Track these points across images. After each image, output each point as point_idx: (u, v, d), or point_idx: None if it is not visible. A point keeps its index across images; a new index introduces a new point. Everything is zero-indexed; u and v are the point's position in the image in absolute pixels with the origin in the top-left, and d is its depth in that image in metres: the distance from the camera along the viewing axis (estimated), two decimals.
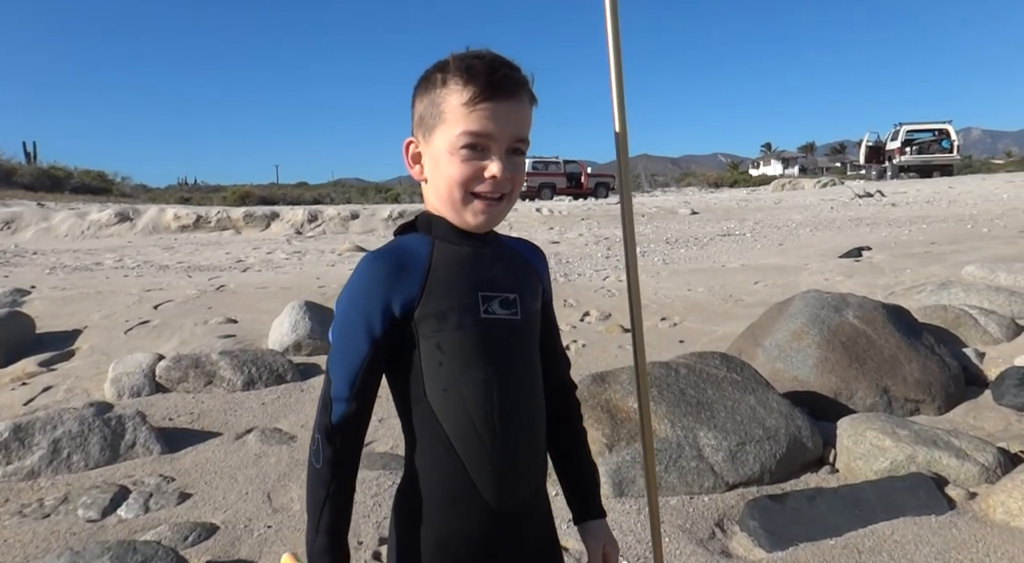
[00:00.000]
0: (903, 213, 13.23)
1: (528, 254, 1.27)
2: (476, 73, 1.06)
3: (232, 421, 3.73)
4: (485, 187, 1.10)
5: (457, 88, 1.07)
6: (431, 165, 1.13)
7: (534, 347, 1.21)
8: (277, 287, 7.11)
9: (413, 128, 1.17)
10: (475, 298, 1.12)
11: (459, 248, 1.14)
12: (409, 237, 1.17)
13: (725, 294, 6.27)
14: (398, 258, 1.11)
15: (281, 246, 12.23)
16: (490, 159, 1.09)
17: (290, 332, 5.00)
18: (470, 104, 1.07)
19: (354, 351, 1.09)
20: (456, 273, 1.12)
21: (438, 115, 1.09)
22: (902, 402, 3.66)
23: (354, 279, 1.11)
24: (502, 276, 1.16)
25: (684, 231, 12.07)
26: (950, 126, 32.45)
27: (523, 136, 1.12)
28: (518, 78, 1.10)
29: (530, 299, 1.19)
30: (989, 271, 6.05)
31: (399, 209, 16.95)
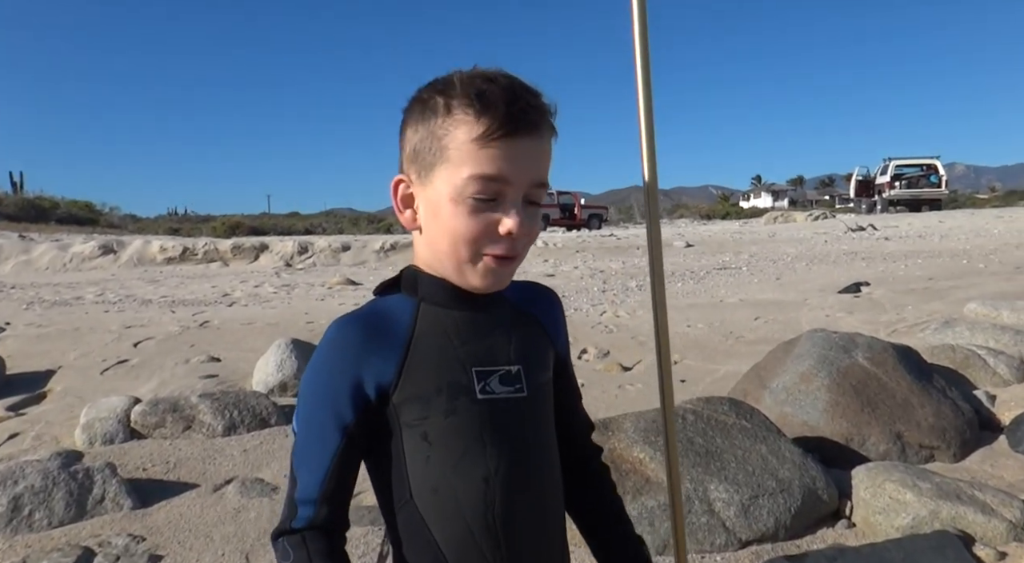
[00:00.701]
0: (897, 247, 13.19)
1: (534, 307, 1.06)
2: (491, 102, 0.86)
3: (210, 470, 3.51)
4: (498, 246, 0.90)
5: (466, 119, 0.87)
6: (428, 213, 0.93)
7: (547, 427, 1.01)
8: (263, 323, 6.91)
9: (403, 162, 0.96)
10: (468, 375, 0.93)
11: (449, 313, 0.95)
12: (390, 299, 0.97)
13: (725, 331, 6.12)
14: (372, 325, 0.92)
15: (269, 279, 12.03)
16: (505, 210, 0.89)
17: (275, 372, 4.80)
18: (483, 141, 0.86)
19: (322, 443, 0.91)
20: (443, 345, 0.93)
21: (439, 151, 0.89)
22: (916, 449, 3.49)
23: (320, 352, 0.92)
24: (501, 345, 0.97)
25: (680, 264, 11.96)
26: (938, 161, 32.82)
27: (543, 180, 0.92)
28: (541, 108, 0.90)
29: (538, 369, 1.00)
30: (992, 309, 5.93)
31: (391, 240, 16.81)
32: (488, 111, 0.86)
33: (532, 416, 0.98)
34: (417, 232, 0.97)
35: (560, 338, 1.08)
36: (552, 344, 1.06)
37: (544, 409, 1.01)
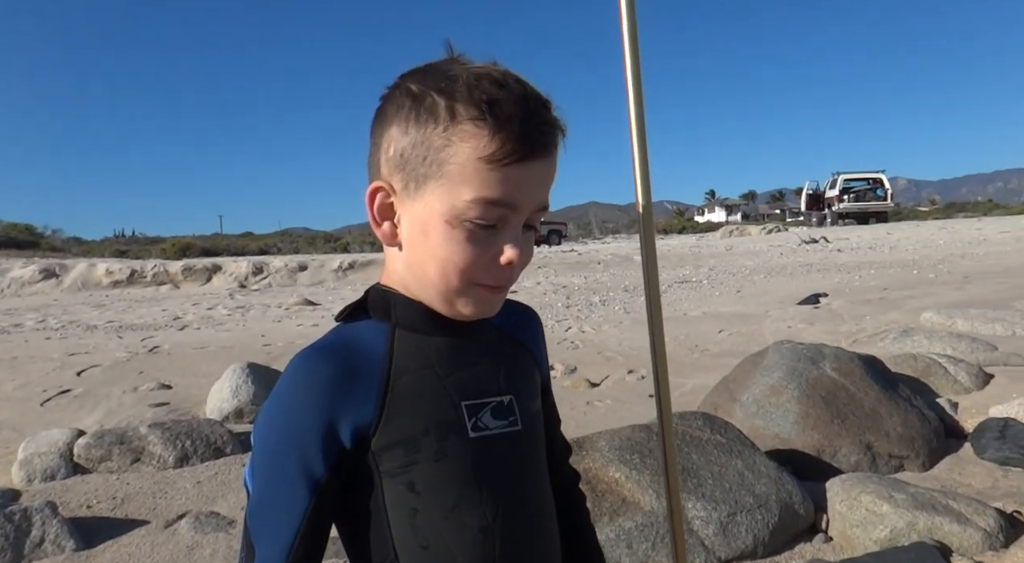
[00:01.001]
0: (850, 259, 13.46)
1: (519, 329, 0.95)
2: (506, 117, 0.74)
3: (161, 505, 3.31)
4: (495, 277, 0.79)
5: (476, 133, 0.74)
6: (414, 231, 0.80)
7: (542, 461, 0.90)
8: (217, 347, 6.67)
9: (380, 164, 0.82)
10: (458, 411, 0.81)
11: (428, 339, 0.83)
12: (357, 326, 0.84)
13: (691, 344, 6.10)
14: (343, 357, 0.78)
15: (223, 301, 11.71)
16: (506, 238, 0.78)
17: (231, 398, 4.60)
18: (493, 162, 0.74)
19: (287, 503, 0.76)
20: (427, 377, 0.81)
21: (437, 164, 0.76)
22: (886, 459, 3.48)
23: (281, 392, 0.78)
24: (490, 373, 0.85)
25: (641, 278, 12.01)
26: (883, 175, 33.86)
27: (547, 204, 0.82)
28: (555, 125, 0.79)
29: (529, 398, 0.89)
30: (947, 317, 6.04)
31: (350, 259, 16.57)
32: (503, 129, 0.74)
33: (528, 451, 0.87)
34: (396, 249, 0.84)
35: (544, 362, 0.98)
36: (539, 368, 0.96)
37: (539, 441, 0.91)
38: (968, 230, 20.15)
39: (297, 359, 0.78)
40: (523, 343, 0.94)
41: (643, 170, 1.06)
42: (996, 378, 4.34)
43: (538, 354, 0.96)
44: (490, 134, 0.74)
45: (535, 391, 0.92)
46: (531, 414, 0.88)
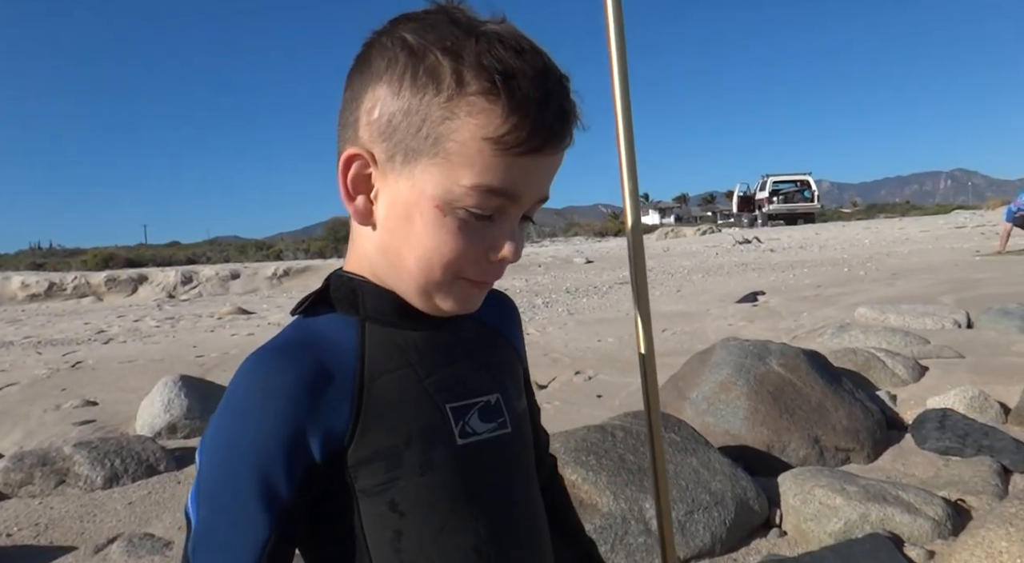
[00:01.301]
0: (782, 258, 13.85)
1: (499, 320, 0.85)
2: (523, 97, 0.64)
3: (90, 530, 3.10)
4: (483, 272, 0.70)
5: (487, 109, 0.64)
6: (396, 212, 0.69)
7: (532, 464, 0.82)
8: (146, 360, 6.35)
9: (360, 129, 0.70)
10: (443, 415, 0.71)
11: (404, 333, 0.72)
12: (319, 320, 0.73)
13: (635, 344, 6.12)
14: (310, 358, 0.67)
15: (151, 312, 11.23)
16: (502, 231, 0.69)
17: (162, 412, 4.36)
18: (504, 148, 0.64)
19: (243, 534, 0.64)
20: (406, 377, 0.71)
21: (434, 139, 0.65)
22: (833, 452, 3.53)
23: (235, 400, 0.66)
24: (474, 370, 0.76)
25: (583, 280, 12.07)
26: (810, 177, 35.10)
27: (547, 194, 0.72)
28: (574, 111, 0.69)
29: (516, 395, 0.80)
30: (880, 312, 6.23)
31: (284, 266, 16.16)
32: (518, 110, 0.64)
33: (518, 456, 0.78)
34: (368, 229, 0.73)
35: (522, 351, 0.90)
36: (520, 362, 0.87)
37: (528, 443, 0.82)
38: (891, 230, 21.04)
39: (252, 360, 0.67)
40: (503, 334, 0.85)
41: (631, 173, 1.01)
42: (931, 370, 4.48)
43: (519, 346, 0.88)
44: (503, 114, 0.63)
45: (520, 387, 0.83)
46: (518, 413, 0.80)
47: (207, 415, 4.41)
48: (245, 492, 0.63)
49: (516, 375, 0.84)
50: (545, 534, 0.81)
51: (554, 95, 0.66)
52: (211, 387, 4.71)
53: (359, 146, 0.70)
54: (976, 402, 3.71)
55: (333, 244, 31.14)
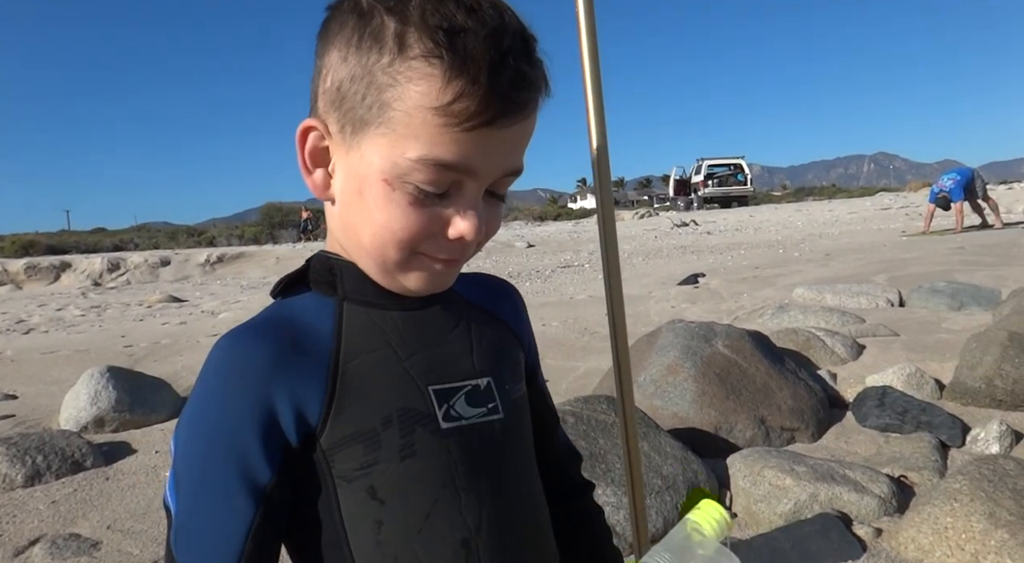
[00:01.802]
0: (719, 241, 14.11)
1: (494, 304, 0.80)
2: (469, 57, 0.57)
3: (9, 531, 2.90)
4: (443, 248, 0.64)
5: (427, 72, 0.58)
6: (350, 187, 0.65)
7: (530, 456, 0.76)
8: (70, 350, 6.03)
9: (316, 99, 0.66)
10: (425, 397, 0.66)
11: (384, 314, 0.68)
12: (297, 300, 0.69)
13: (580, 328, 6.11)
14: (282, 336, 0.64)
15: (75, 301, 10.70)
16: (459, 207, 0.63)
17: (89, 405, 4.13)
18: (449, 119, 0.58)
19: (225, 521, 0.61)
20: (385, 357, 0.66)
21: (378, 107, 0.60)
22: (779, 432, 3.57)
23: (206, 383, 0.63)
24: (461, 351, 0.71)
25: (524, 264, 12.04)
26: (743, 161, 35.86)
27: (519, 168, 0.66)
28: (536, 77, 0.63)
29: (512, 380, 0.75)
30: (817, 292, 6.38)
31: (217, 253, 15.63)
32: (463, 74, 0.57)
33: (512, 445, 0.73)
34: (331, 203, 0.69)
35: (528, 340, 0.83)
36: (523, 349, 0.81)
37: (525, 432, 0.76)
38: (821, 212, 21.68)
39: (224, 340, 0.64)
40: (504, 320, 0.79)
41: (601, 149, 0.94)
42: (868, 348, 4.59)
43: (522, 334, 0.82)
44: (445, 78, 0.57)
45: (519, 373, 0.77)
46: (514, 400, 0.74)
47: (137, 407, 4.20)
48: (223, 475, 0.61)
49: (514, 361, 0.78)
50: (545, 531, 0.76)
51: (510, 56, 0.59)
52: (141, 378, 4.48)
53: (316, 117, 0.66)
54: (913, 379, 3.81)
55: (268, 230, 30.37)
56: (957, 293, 5.63)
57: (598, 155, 0.98)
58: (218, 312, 8.35)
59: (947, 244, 9.22)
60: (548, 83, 0.64)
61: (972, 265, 7.17)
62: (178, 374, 5.00)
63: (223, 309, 8.60)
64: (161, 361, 5.46)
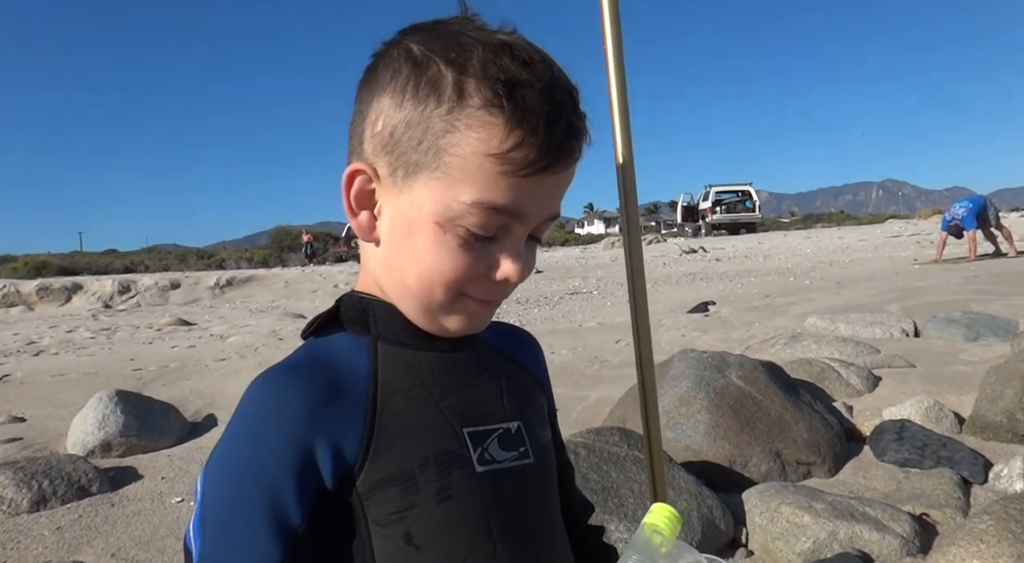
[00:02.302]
0: (729, 267, 14.04)
1: (517, 350, 0.82)
2: (529, 111, 0.60)
3: (13, 558, 2.87)
4: (487, 291, 0.66)
5: (489, 121, 0.60)
6: (398, 228, 0.67)
7: (556, 501, 0.77)
8: (79, 373, 6.01)
9: (364, 142, 0.68)
10: (460, 440, 0.67)
11: (418, 354, 0.68)
12: (331, 340, 0.69)
13: (589, 355, 6.06)
14: (319, 377, 0.64)
15: (85, 322, 10.72)
16: (506, 250, 0.66)
17: (96, 429, 4.11)
18: (507, 166, 0.61)
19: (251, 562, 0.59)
20: (421, 398, 0.67)
21: (434, 152, 0.62)
22: (795, 466, 3.51)
23: (242, 422, 0.63)
24: (492, 395, 0.72)
25: (533, 290, 12.00)
26: (751, 187, 35.86)
27: (558, 212, 0.69)
28: (583, 128, 0.66)
29: (539, 425, 0.76)
30: (830, 322, 6.31)
31: (227, 276, 15.68)
32: (522, 125, 0.60)
33: (542, 489, 0.74)
34: (373, 245, 0.70)
35: (550, 391, 0.85)
36: (545, 395, 0.83)
37: (552, 477, 0.77)
38: (831, 239, 21.60)
39: (260, 381, 0.64)
40: (527, 367, 0.81)
41: (629, 177, 0.93)
42: (884, 380, 4.52)
43: (544, 381, 0.84)
44: (506, 128, 0.60)
45: (544, 419, 0.78)
46: (542, 445, 0.75)
47: (144, 432, 4.18)
48: (253, 516, 0.60)
49: (539, 406, 0.79)
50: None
51: (562, 111, 0.63)
52: (149, 402, 4.46)
53: (363, 160, 0.68)
54: (932, 412, 3.75)
55: (278, 253, 30.51)
56: (973, 323, 5.55)
57: (624, 173, 0.97)
58: (227, 336, 8.33)
59: (961, 273, 9.13)
60: (590, 134, 0.67)
61: (987, 294, 7.09)
62: (186, 398, 4.97)
63: (232, 333, 8.58)
64: (169, 385, 5.44)
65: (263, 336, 8.02)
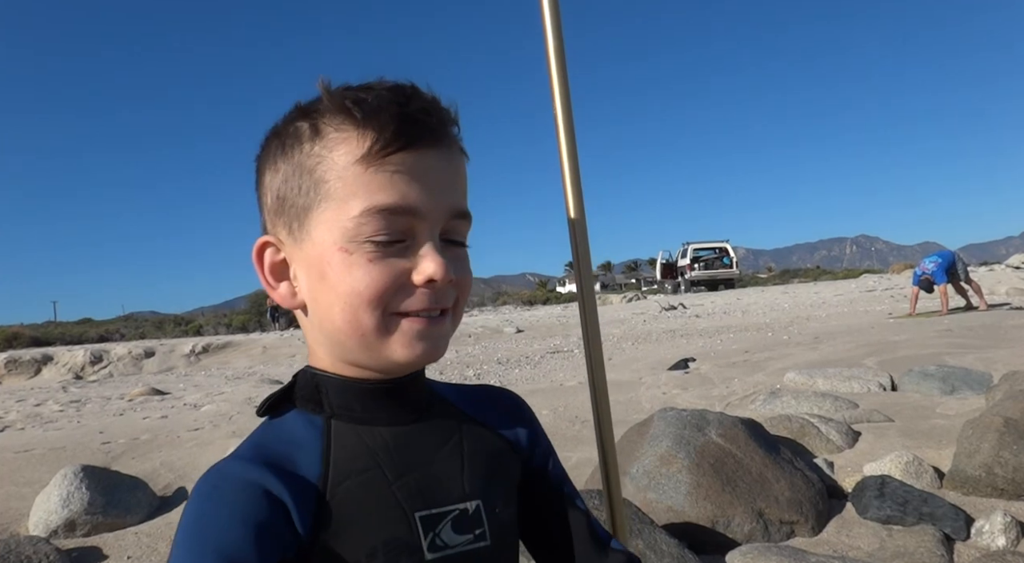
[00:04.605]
0: (708, 324, 14.11)
1: (490, 414, 0.79)
2: (375, 108, 0.63)
3: None
4: (417, 300, 0.64)
5: (344, 136, 0.64)
6: (312, 277, 0.66)
7: None
8: (45, 448, 5.82)
9: (266, 221, 0.71)
10: (411, 526, 0.64)
11: (373, 431, 0.67)
12: (286, 420, 0.68)
13: (570, 415, 6.01)
14: (267, 460, 0.63)
15: (54, 395, 10.46)
16: (417, 251, 0.65)
17: (60, 508, 3.96)
18: (373, 159, 0.63)
19: None
20: (373, 481, 0.65)
21: (314, 187, 0.64)
22: (778, 525, 3.45)
23: (192, 513, 0.61)
24: (451, 472, 0.70)
25: (513, 350, 11.94)
26: (728, 244, 36.41)
27: (463, 209, 0.68)
28: (443, 113, 0.67)
29: (502, 502, 0.73)
30: (808, 377, 6.32)
31: (203, 342, 15.45)
32: (374, 118, 0.63)
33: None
34: (302, 311, 0.69)
35: (537, 449, 0.81)
36: (521, 461, 0.79)
37: (511, 558, 0.74)
38: (808, 294, 21.84)
39: (211, 472, 0.63)
40: (495, 430, 0.77)
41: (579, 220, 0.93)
42: (863, 435, 4.51)
43: (519, 443, 0.79)
44: (360, 129, 0.63)
45: (511, 494, 0.75)
46: (502, 524, 0.71)
47: (111, 509, 4.03)
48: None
49: (506, 478, 0.75)
50: None
51: (414, 99, 0.65)
52: (117, 477, 4.31)
53: (267, 234, 0.70)
54: (911, 467, 3.73)
55: (256, 318, 30.22)
56: (948, 377, 5.59)
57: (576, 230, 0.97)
58: (201, 405, 8.16)
59: (934, 326, 9.24)
60: (458, 122, 0.69)
61: (961, 348, 7.17)
62: (156, 472, 4.82)
63: (206, 402, 8.41)
64: (140, 458, 5.29)
65: (238, 404, 7.86)
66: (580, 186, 0.97)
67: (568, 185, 0.97)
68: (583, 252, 0.97)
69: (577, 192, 0.97)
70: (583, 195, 0.98)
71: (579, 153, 0.97)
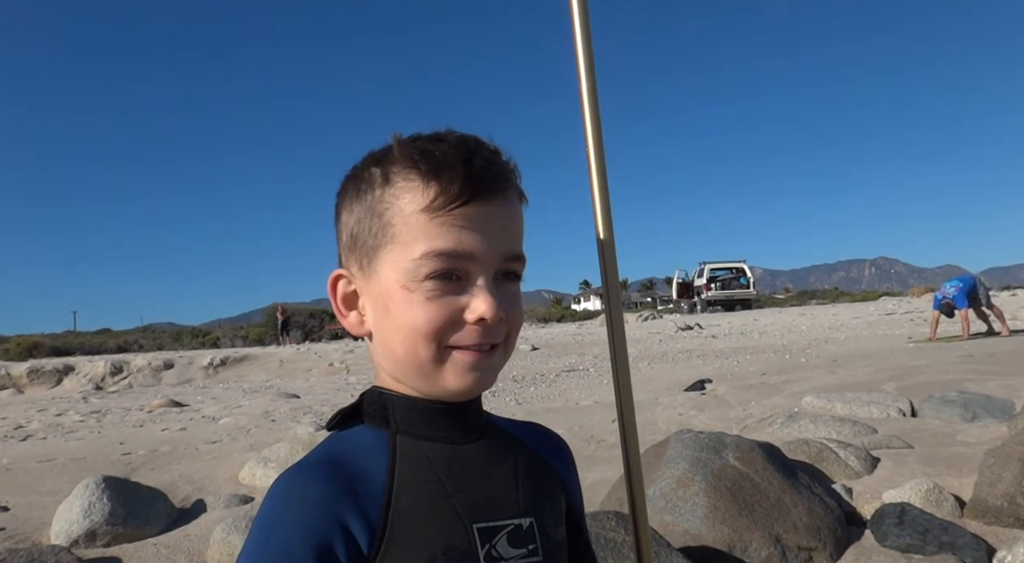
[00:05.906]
0: (725, 344, 14.04)
1: (544, 449, 0.84)
2: (441, 161, 0.70)
3: None
4: (468, 336, 0.71)
5: (410, 185, 0.71)
6: (377, 310, 0.73)
7: None
8: (67, 458, 5.90)
9: (341, 255, 0.78)
10: (469, 536, 0.69)
11: (435, 446, 0.72)
12: (352, 433, 0.75)
13: (586, 435, 6.00)
14: (338, 471, 0.68)
15: (75, 405, 10.58)
16: (471, 291, 0.71)
17: (81, 518, 4.01)
18: (435, 210, 0.69)
19: None
20: (435, 492, 0.69)
21: (382, 230, 0.72)
22: (795, 551, 3.43)
23: (265, 517, 0.66)
24: (506, 489, 0.74)
25: (529, 368, 11.95)
26: (745, 265, 36.26)
27: (518, 252, 0.74)
28: (504, 166, 0.75)
29: (553, 523, 0.77)
30: (826, 401, 6.28)
31: (221, 355, 15.58)
32: (438, 172, 0.70)
33: None
34: (369, 338, 0.77)
35: (576, 493, 0.87)
36: (567, 496, 0.84)
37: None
38: (826, 316, 21.68)
39: (283, 478, 0.68)
40: (548, 463, 0.82)
41: (609, 253, 0.95)
42: (882, 461, 4.47)
43: (567, 481, 0.85)
44: (425, 181, 0.70)
45: (560, 516, 0.79)
46: (554, 543, 0.75)
47: (131, 520, 4.08)
48: None
49: (557, 504, 0.80)
50: None
51: (478, 154, 0.71)
52: (137, 488, 4.37)
53: (342, 267, 0.78)
54: (932, 495, 3.69)
55: (272, 331, 30.42)
56: (969, 404, 5.53)
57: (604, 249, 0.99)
58: (219, 418, 8.23)
59: (955, 352, 9.15)
60: (518, 173, 0.76)
61: (982, 374, 7.09)
62: (175, 483, 4.87)
63: (224, 414, 8.48)
64: (159, 469, 5.34)
65: (255, 417, 7.92)
66: (609, 207, 0.99)
67: (597, 205, 0.98)
68: (612, 277, 0.99)
69: (606, 213, 0.98)
70: (612, 216, 1.00)
71: (608, 172, 1.00)
